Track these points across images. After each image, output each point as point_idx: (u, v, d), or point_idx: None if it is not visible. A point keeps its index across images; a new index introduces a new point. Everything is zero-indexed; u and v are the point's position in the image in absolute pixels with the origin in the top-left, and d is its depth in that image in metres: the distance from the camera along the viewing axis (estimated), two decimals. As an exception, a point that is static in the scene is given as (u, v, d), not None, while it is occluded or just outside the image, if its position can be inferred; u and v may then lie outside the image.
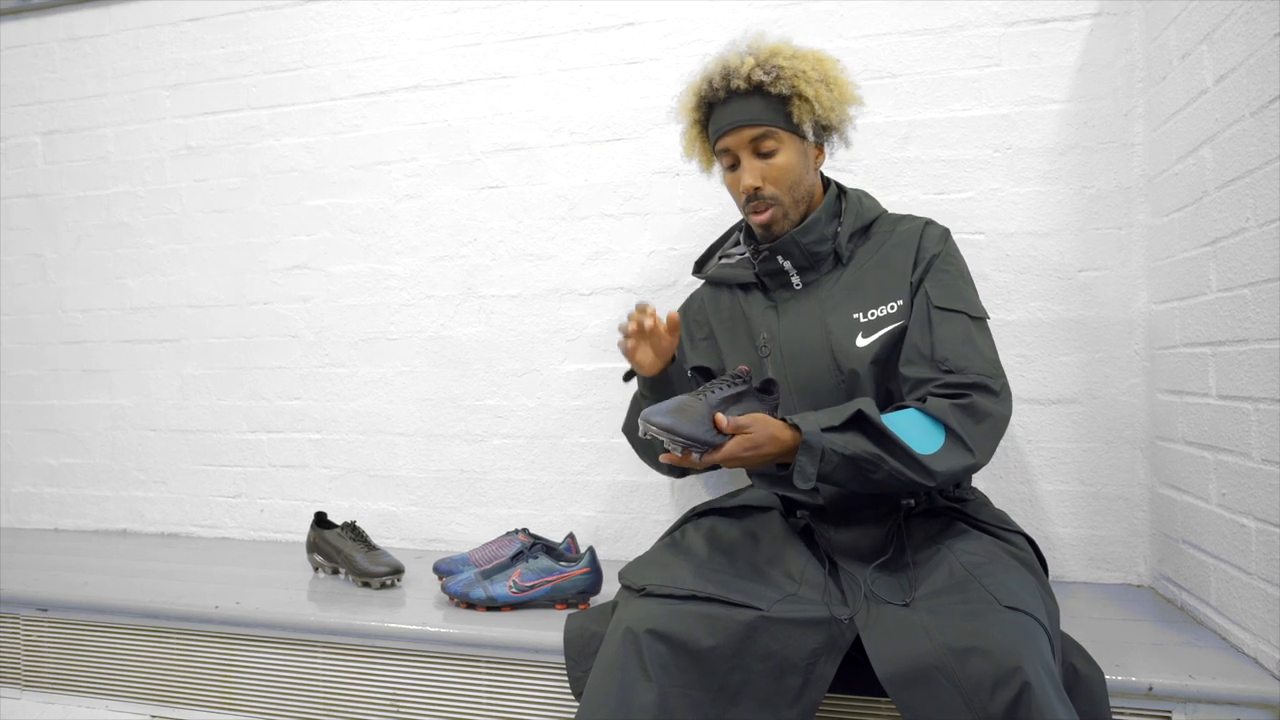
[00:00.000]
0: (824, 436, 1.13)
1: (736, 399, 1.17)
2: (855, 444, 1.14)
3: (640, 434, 1.11)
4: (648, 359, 1.40)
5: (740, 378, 1.21)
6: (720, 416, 1.10)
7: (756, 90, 1.32)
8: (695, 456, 1.10)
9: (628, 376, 1.50)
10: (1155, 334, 1.65)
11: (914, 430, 1.17)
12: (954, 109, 1.80)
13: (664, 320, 1.35)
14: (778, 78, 1.31)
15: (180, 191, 2.37)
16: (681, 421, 1.08)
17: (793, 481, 1.14)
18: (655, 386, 1.42)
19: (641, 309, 1.34)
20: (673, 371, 1.43)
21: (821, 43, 1.85)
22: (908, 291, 1.32)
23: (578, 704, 1.19)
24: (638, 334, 1.36)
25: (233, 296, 2.32)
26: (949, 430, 1.18)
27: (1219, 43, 1.35)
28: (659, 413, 1.09)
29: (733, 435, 1.11)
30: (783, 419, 1.16)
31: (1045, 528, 1.74)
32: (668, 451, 1.11)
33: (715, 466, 1.15)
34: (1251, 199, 1.26)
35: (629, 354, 1.39)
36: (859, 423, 1.15)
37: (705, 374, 1.55)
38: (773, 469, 1.19)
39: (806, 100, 1.32)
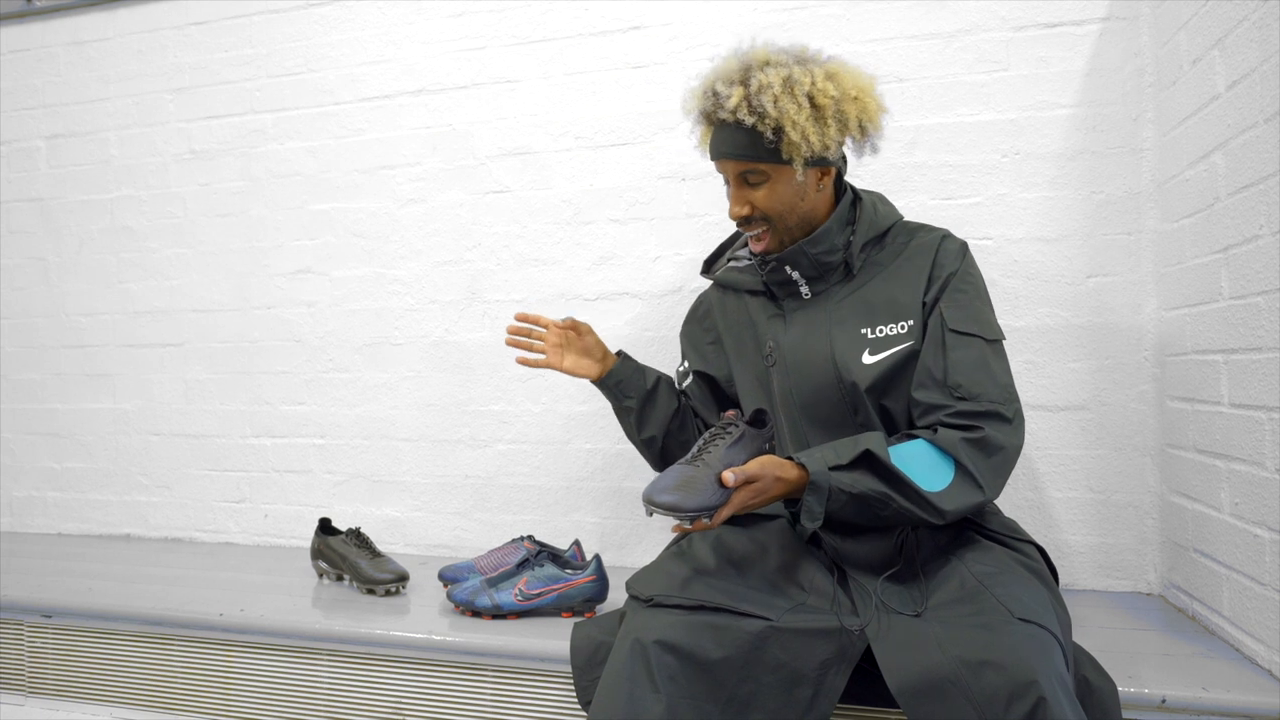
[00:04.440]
0: (831, 475, 1.12)
1: (736, 449, 1.16)
2: (863, 483, 1.13)
3: (646, 514, 1.10)
4: (584, 365, 1.52)
5: (731, 424, 1.19)
6: (727, 475, 1.08)
7: (742, 125, 1.27)
8: (705, 520, 1.09)
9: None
10: (1165, 341, 1.63)
11: (923, 466, 1.16)
12: (961, 114, 1.79)
13: (557, 322, 1.52)
14: (762, 118, 1.25)
15: (184, 195, 2.36)
16: (687, 497, 1.06)
17: (799, 520, 1.13)
18: (601, 387, 1.53)
19: (523, 328, 1.52)
20: (609, 377, 1.52)
21: (828, 47, 1.82)
22: (920, 311, 1.28)
23: (584, 714, 1.18)
24: (554, 346, 1.51)
25: (236, 301, 2.31)
26: (959, 466, 1.16)
27: (1231, 48, 1.34)
28: (661, 492, 1.07)
29: (739, 487, 1.10)
30: (789, 457, 1.15)
31: (1054, 535, 1.73)
32: (679, 524, 1.10)
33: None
34: (1265, 206, 1.25)
35: (559, 368, 1.51)
36: (867, 461, 1.14)
37: (708, 380, 1.53)
38: (780, 507, 1.18)
39: (793, 141, 1.25)
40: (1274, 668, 1.24)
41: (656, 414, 1.51)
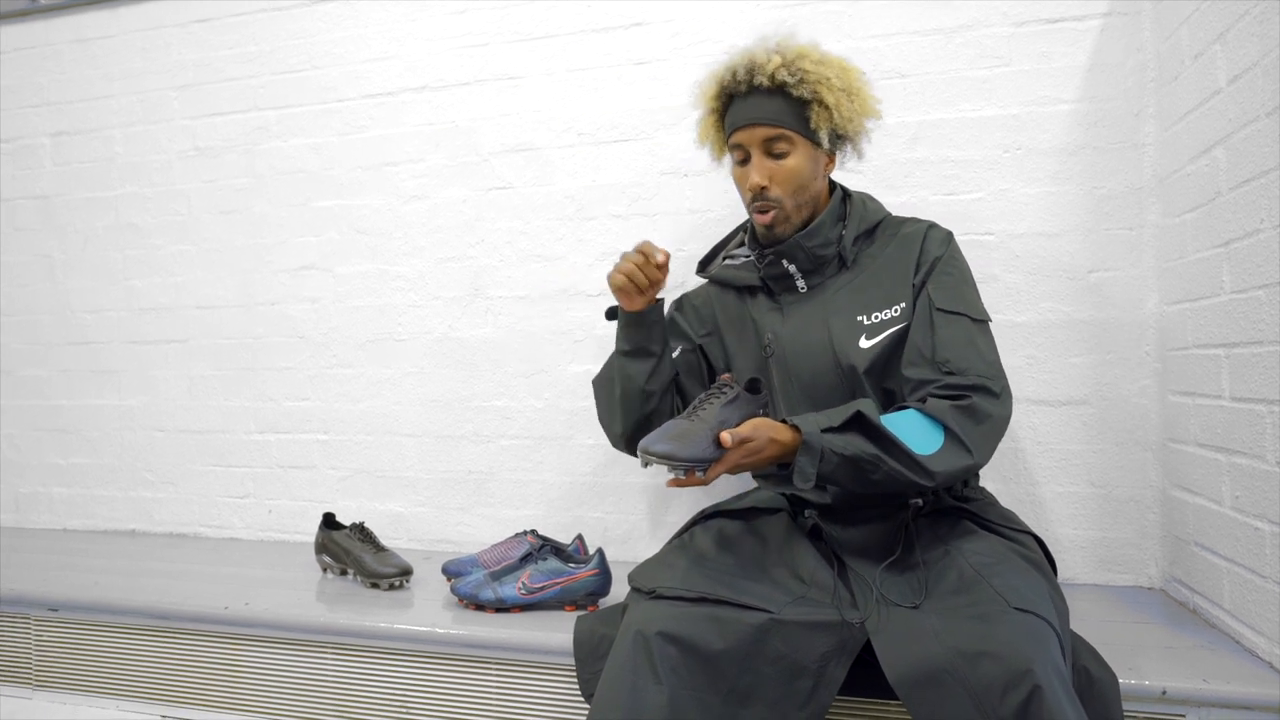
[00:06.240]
0: (824, 437, 1.14)
1: (730, 408, 1.17)
2: (854, 445, 1.14)
3: (641, 465, 1.11)
4: (632, 296, 1.39)
5: (727, 385, 1.21)
6: (725, 435, 1.10)
7: (778, 90, 1.32)
8: (698, 474, 1.10)
9: (610, 314, 1.47)
10: (1167, 335, 1.64)
11: (913, 431, 1.17)
12: (963, 109, 1.79)
13: (658, 256, 1.35)
14: (801, 81, 1.31)
15: (188, 192, 2.37)
16: (681, 447, 1.08)
17: (792, 481, 1.14)
18: (636, 323, 1.41)
19: (648, 255, 1.34)
20: (652, 312, 1.42)
21: (830, 43, 1.84)
22: (910, 294, 1.32)
23: (587, 706, 1.19)
24: (638, 280, 1.35)
25: (240, 297, 2.32)
26: (948, 431, 1.18)
27: (1232, 43, 1.34)
28: (657, 441, 1.09)
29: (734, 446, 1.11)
30: (783, 420, 1.16)
31: (1055, 529, 1.73)
32: (672, 476, 1.11)
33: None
34: (1266, 200, 1.25)
35: (619, 289, 1.38)
36: (858, 423, 1.16)
37: (703, 355, 1.53)
38: (773, 469, 1.19)
39: (826, 107, 1.32)
40: (1274, 660, 1.25)
41: (663, 372, 1.45)
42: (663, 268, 1.36)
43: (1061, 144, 1.73)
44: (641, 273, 1.34)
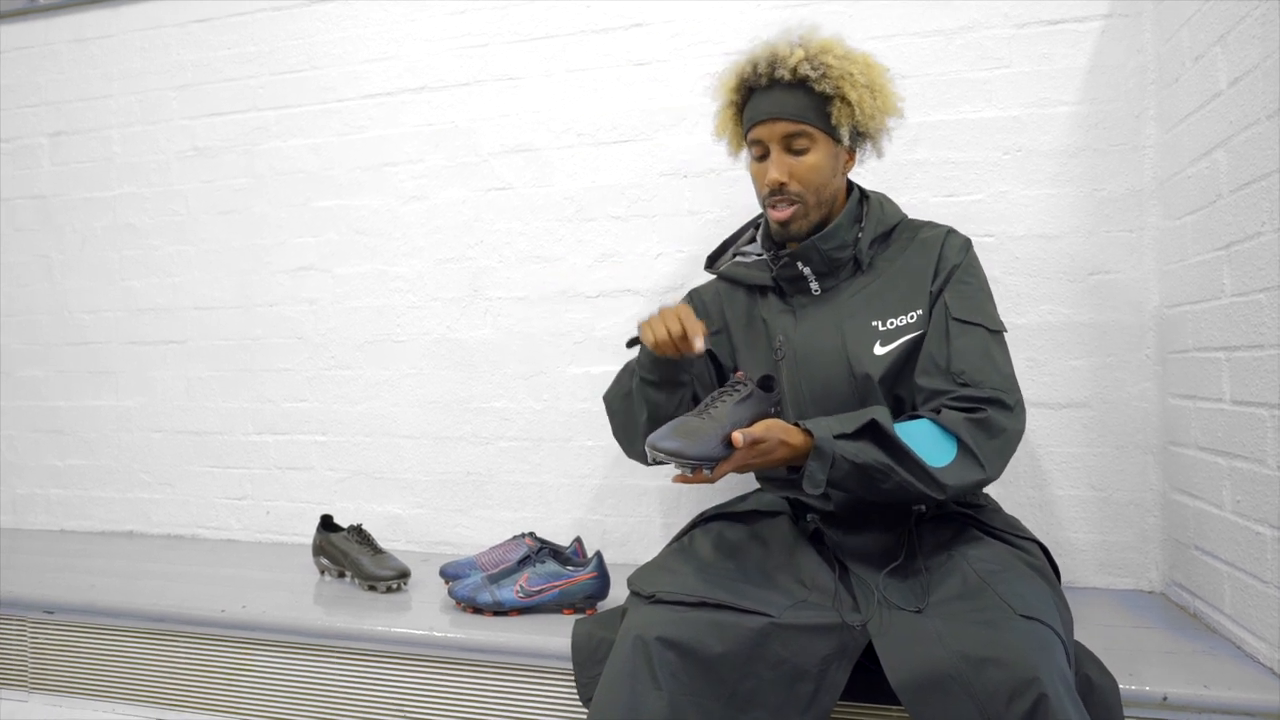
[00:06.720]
0: (836, 443, 1.13)
1: (743, 406, 1.16)
2: (867, 453, 1.13)
3: (648, 460, 1.10)
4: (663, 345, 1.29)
5: (740, 383, 1.20)
6: (737, 435, 1.09)
7: (800, 84, 1.30)
8: (705, 472, 1.10)
9: (631, 343, 1.42)
10: (1167, 338, 1.63)
11: (926, 442, 1.16)
12: (964, 111, 1.78)
13: (697, 342, 1.23)
14: (824, 75, 1.29)
15: (186, 193, 2.37)
16: (690, 445, 1.07)
17: (802, 485, 1.13)
18: (658, 366, 1.35)
19: (688, 339, 1.23)
20: (681, 360, 1.34)
21: (830, 44, 1.84)
22: (927, 301, 1.30)
23: (585, 710, 1.18)
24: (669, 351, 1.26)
25: (239, 298, 2.31)
26: (961, 444, 1.17)
27: (1233, 45, 1.34)
28: (665, 438, 1.08)
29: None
30: (795, 423, 1.15)
31: (1056, 533, 1.73)
32: (679, 473, 1.10)
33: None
34: (1267, 203, 1.25)
35: (648, 335, 1.27)
36: (872, 431, 1.14)
37: (712, 358, 1.50)
38: (782, 471, 1.18)
39: (849, 104, 1.30)
40: (1275, 665, 1.24)
41: (689, 394, 1.41)
42: (690, 348, 1.24)
43: (1062, 146, 1.73)
44: (674, 344, 1.26)
